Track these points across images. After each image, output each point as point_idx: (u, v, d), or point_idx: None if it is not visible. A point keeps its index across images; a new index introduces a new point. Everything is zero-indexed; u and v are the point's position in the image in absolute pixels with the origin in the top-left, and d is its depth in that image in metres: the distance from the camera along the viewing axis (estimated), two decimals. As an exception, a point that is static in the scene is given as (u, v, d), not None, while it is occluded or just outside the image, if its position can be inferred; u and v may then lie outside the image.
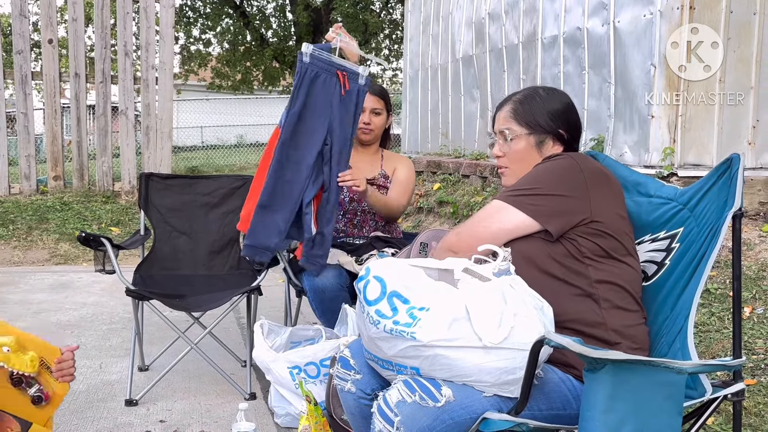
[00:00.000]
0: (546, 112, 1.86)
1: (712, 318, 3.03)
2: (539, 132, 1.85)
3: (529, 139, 1.86)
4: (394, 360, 1.56)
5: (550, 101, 1.87)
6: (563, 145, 1.87)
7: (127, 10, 7.31)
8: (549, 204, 1.70)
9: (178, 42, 18.67)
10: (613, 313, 1.69)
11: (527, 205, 1.71)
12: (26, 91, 7.09)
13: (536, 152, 1.86)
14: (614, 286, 1.70)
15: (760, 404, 2.47)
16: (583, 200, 1.69)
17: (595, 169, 1.74)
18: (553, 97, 1.89)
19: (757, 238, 3.59)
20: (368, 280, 1.59)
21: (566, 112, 1.87)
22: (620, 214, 1.76)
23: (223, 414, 2.81)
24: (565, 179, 1.71)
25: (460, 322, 1.48)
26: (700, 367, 1.50)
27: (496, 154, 1.94)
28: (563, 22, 5.11)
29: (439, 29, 7.42)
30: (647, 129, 4.17)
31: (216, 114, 17.87)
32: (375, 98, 3.07)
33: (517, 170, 1.88)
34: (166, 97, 7.38)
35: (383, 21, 19.32)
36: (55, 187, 7.27)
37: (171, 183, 3.55)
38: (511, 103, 1.91)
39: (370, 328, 1.57)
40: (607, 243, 1.71)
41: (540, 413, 1.55)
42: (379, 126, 3.12)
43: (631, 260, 1.76)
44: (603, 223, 1.70)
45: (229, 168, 12.45)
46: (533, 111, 1.86)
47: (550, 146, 1.86)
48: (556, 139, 1.86)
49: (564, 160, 1.75)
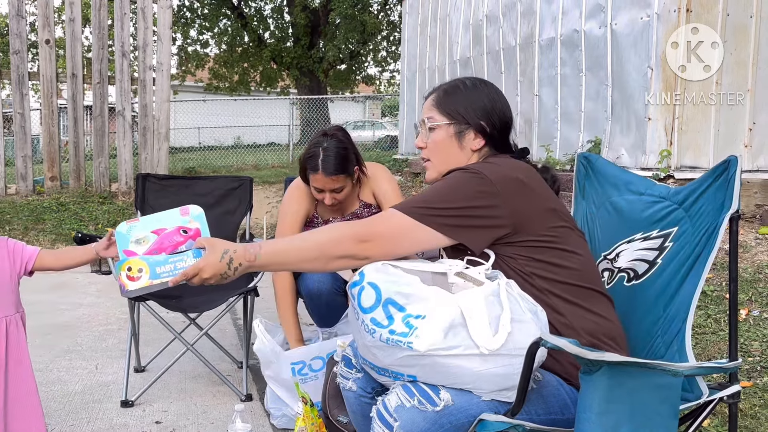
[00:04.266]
0: (468, 103, 1.81)
1: (708, 320, 3.03)
2: (459, 122, 1.81)
3: (449, 129, 1.81)
4: (390, 368, 1.54)
5: (474, 93, 1.83)
6: (485, 139, 1.81)
7: (125, 10, 7.31)
8: (461, 217, 1.65)
9: (175, 43, 18.69)
10: (577, 312, 1.67)
11: (438, 222, 1.65)
12: (23, 92, 7.08)
13: (456, 144, 1.81)
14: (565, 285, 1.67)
15: (756, 406, 2.47)
16: (500, 208, 1.64)
17: (505, 176, 1.67)
18: (478, 89, 1.84)
19: (754, 240, 3.60)
20: (362, 286, 1.56)
21: (490, 104, 1.82)
22: (550, 207, 1.70)
23: (219, 415, 2.80)
24: (475, 191, 1.65)
25: (456, 329, 1.47)
26: (696, 370, 1.51)
27: (419, 145, 1.89)
28: (560, 24, 5.12)
29: (437, 31, 7.42)
30: (644, 131, 4.17)
31: (213, 115, 17.86)
32: (331, 179, 2.65)
33: (437, 164, 1.84)
34: (163, 98, 7.38)
35: (381, 22, 19.34)
36: (52, 187, 7.25)
37: (168, 184, 3.55)
38: (436, 92, 1.88)
39: (365, 337, 1.55)
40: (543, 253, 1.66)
41: (537, 417, 1.55)
42: (347, 194, 2.75)
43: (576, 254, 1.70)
44: (529, 228, 1.65)
45: (227, 169, 12.43)
46: (455, 101, 1.82)
47: (471, 138, 1.80)
48: (478, 132, 1.80)
49: (468, 173, 1.69)
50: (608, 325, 1.69)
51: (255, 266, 1.66)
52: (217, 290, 3.15)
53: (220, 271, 1.62)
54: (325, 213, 2.86)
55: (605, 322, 1.69)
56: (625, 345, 1.72)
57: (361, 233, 1.66)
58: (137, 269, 1.68)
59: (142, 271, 1.68)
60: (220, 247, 1.64)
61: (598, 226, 2.03)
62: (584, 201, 2.10)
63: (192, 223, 1.79)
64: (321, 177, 2.64)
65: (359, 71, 21.37)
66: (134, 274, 1.68)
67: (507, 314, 1.50)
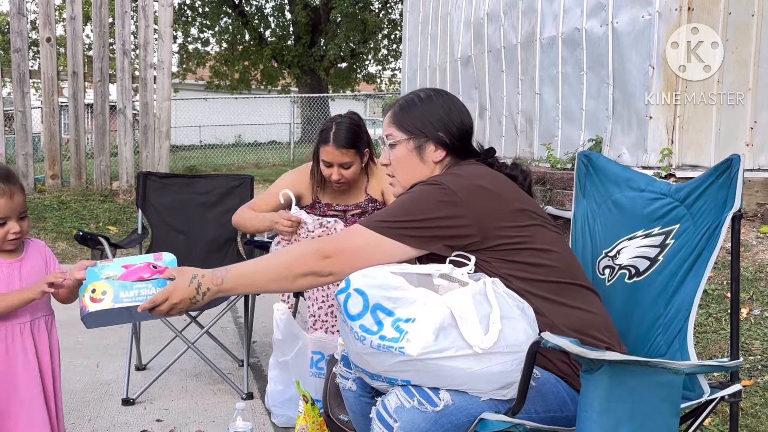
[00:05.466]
0: (423, 116, 1.81)
1: (710, 319, 3.03)
2: (418, 136, 1.81)
3: (408, 144, 1.81)
4: (383, 374, 1.54)
5: (429, 105, 1.82)
6: (446, 150, 1.81)
7: (126, 8, 7.31)
8: (425, 228, 1.65)
9: (176, 41, 18.69)
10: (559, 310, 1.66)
11: (403, 234, 1.65)
12: (24, 90, 7.08)
13: (417, 158, 1.81)
14: (544, 284, 1.66)
15: (756, 405, 2.47)
16: (464, 218, 1.64)
17: (467, 185, 1.67)
18: (433, 101, 1.84)
19: (755, 239, 3.60)
20: (349, 293, 1.54)
21: (447, 114, 1.82)
22: (518, 208, 1.69)
23: (220, 413, 2.81)
24: (437, 202, 1.65)
25: (447, 330, 1.46)
26: (697, 368, 1.50)
27: (383, 162, 1.90)
28: (562, 22, 5.11)
29: (438, 29, 7.42)
30: (645, 130, 4.17)
31: (214, 113, 17.86)
32: (341, 153, 2.67)
33: (401, 179, 1.85)
34: (164, 96, 7.37)
35: (382, 21, 19.32)
36: (53, 185, 7.25)
37: (169, 182, 3.55)
38: (392, 108, 1.88)
39: (356, 344, 1.53)
40: (517, 255, 1.65)
41: (537, 415, 1.55)
42: (354, 173, 2.75)
43: (551, 251, 1.69)
44: (498, 232, 1.65)
45: (227, 167, 12.44)
46: (412, 116, 1.82)
47: (432, 150, 1.80)
48: (438, 143, 1.80)
49: (430, 185, 1.70)
50: (593, 318, 1.68)
51: (223, 290, 1.68)
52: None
53: (189, 296, 1.64)
54: (327, 199, 2.86)
55: (589, 315, 1.67)
56: (615, 335, 1.70)
57: (323, 249, 1.67)
58: (101, 291, 1.67)
59: (106, 294, 1.67)
60: (189, 273, 1.67)
61: (600, 223, 2.03)
62: (585, 199, 2.10)
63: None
64: (332, 149, 2.67)
65: (360, 69, 21.36)
66: (98, 296, 1.67)
67: (496, 312, 1.49)
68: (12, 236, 1.83)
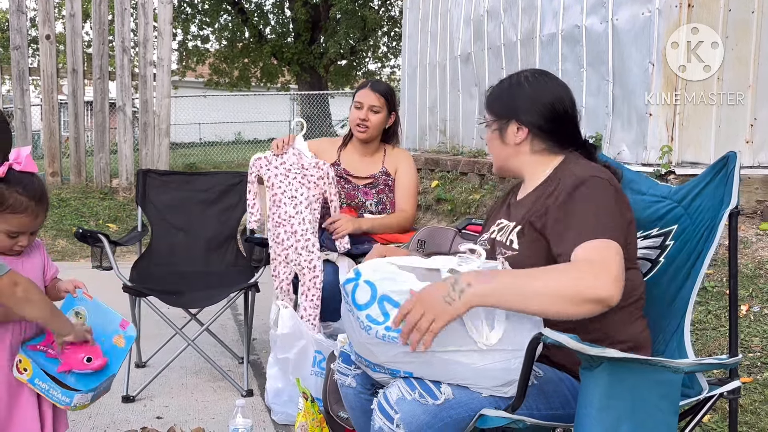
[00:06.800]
0: (505, 99, 1.82)
1: (709, 316, 3.04)
2: (499, 119, 1.82)
3: (492, 126, 1.84)
4: (386, 365, 1.54)
5: (513, 88, 1.82)
6: (529, 132, 1.77)
7: (125, 6, 7.30)
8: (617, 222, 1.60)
9: (175, 38, 18.66)
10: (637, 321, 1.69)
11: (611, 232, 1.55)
12: (23, 87, 7.08)
13: (498, 139, 1.82)
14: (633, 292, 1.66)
15: (756, 402, 2.47)
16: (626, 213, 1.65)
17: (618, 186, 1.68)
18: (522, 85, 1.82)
19: (754, 236, 3.60)
20: (357, 283, 1.56)
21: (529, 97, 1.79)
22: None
23: (220, 410, 2.81)
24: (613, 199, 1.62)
25: (452, 325, 1.47)
26: (696, 366, 1.51)
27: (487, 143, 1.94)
28: (562, 19, 5.10)
29: (438, 26, 7.41)
30: (645, 127, 4.17)
31: (214, 111, 17.87)
32: (375, 95, 2.99)
33: (494, 158, 1.88)
34: (163, 94, 7.37)
35: (382, 18, 19.29)
36: (53, 183, 7.25)
37: (168, 179, 3.54)
38: (486, 93, 1.91)
39: (361, 334, 1.54)
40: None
41: (538, 412, 1.55)
42: (377, 124, 3.01)
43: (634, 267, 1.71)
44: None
45: (227, 165, 12.43)
46: (499, 98, 1.84)
47: (514, 132, 1.78)
48: (522, 125, 1.77)
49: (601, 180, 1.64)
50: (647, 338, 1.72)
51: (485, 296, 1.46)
52: (218, 286, 3.15)
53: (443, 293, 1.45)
54: (346, 164, 3.09)
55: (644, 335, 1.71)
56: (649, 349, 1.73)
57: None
58: (23, 367, 1.77)
59: (26, 371, 1.76)
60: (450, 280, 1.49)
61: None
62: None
63: (118, 340, 1.89)
64: (367, 91, 3.01)
65: (360, 67, 21.33)
66: (22, 367, 1.77)
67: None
68: (18, 248, 1.85)
